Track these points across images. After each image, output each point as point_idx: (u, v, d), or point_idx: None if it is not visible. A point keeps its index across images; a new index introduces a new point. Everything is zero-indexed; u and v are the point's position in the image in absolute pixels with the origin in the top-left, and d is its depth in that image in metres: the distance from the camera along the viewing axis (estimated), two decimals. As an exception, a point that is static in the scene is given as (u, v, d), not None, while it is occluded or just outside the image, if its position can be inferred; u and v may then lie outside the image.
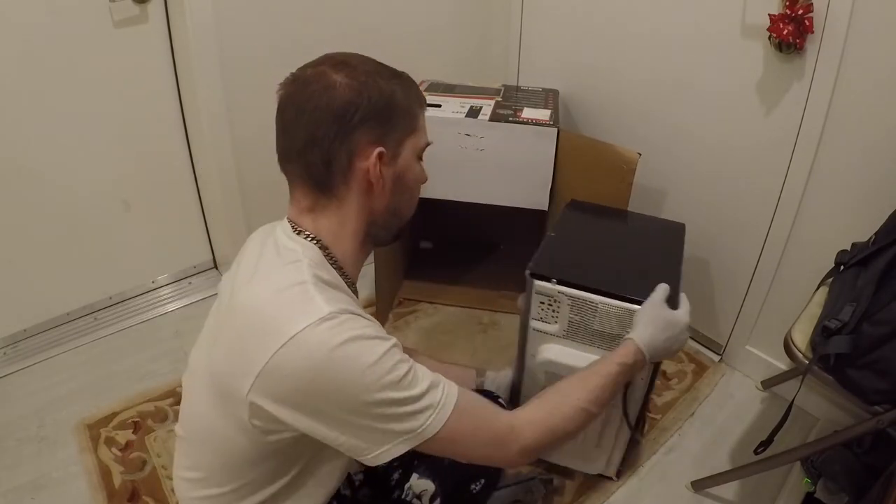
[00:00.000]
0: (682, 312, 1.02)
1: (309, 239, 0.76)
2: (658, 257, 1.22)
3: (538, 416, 0.81)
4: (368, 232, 0.80)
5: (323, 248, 0.77)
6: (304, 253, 0.74)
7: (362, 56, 0.77)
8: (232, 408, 0.70)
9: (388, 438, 0.69)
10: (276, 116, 0.75)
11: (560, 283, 1.07)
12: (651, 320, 0.98)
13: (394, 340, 0.71)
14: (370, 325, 0.70)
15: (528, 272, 1.09)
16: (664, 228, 1.34)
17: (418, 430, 0.70)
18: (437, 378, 0.73)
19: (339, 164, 0.74)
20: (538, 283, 1.08)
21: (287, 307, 0.68)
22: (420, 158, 0.82)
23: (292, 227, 0.78)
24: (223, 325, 0.76)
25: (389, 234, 0.85)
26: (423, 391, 0.70)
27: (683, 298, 1.05)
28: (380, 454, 0.70)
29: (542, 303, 1.10)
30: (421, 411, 0.70)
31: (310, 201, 0.77)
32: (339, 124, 0.72)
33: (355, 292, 0.83)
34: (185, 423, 0.82)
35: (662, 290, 1.02)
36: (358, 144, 0.73)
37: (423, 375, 0.72)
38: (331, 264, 0.77)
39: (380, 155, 0.74)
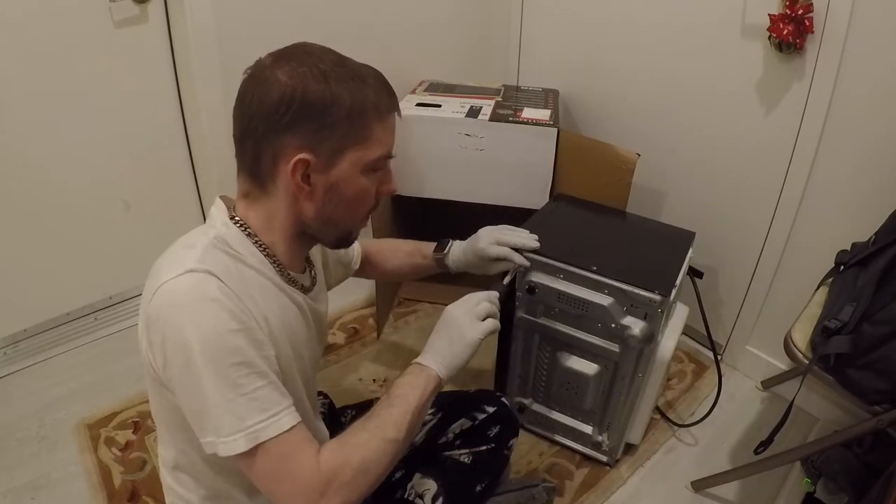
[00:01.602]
0: (461, 308, 0.88)
1: (236, 223, 0.76)
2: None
3: (350, 460, 0.71)
4: (302, 231, 0.79)
5: (250, 234, 0.76)
6: (218, 229, 0.75)
7: (325, 52, 0.73)
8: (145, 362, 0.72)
9: (205, 421, 0.66)
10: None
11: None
12: (433, 332, 0.89)
13: (245, 325, 0.67)
14: (232, 300, 0.67)
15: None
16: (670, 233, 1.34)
17: (225, 434, 0.65)
18: (278, 405, 0.68)
19: (265, 162, 0.72)
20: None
21: (169, 259, 0.71)
22: (375, 170, 0.77)
23: (229, 210, 0.78)
24: None
25: (328, 239, 0.83)
26: (246, 394, 0.65)
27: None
28: (205, 442, 0.67)
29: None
30: (237, 415, 0.65)
31: (245, 188, 0.77)
32: (267, 123, 0.70)
33: (294, 282, 0.81)
34: None
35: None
36: (284, 147, 0.71)
37: (264, 391, 0.67)
38: (258, 248, 0.76)
39: (302, 162, 0.71)
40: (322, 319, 0.92)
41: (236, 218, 0.77)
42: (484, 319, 0.88)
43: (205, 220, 0.81)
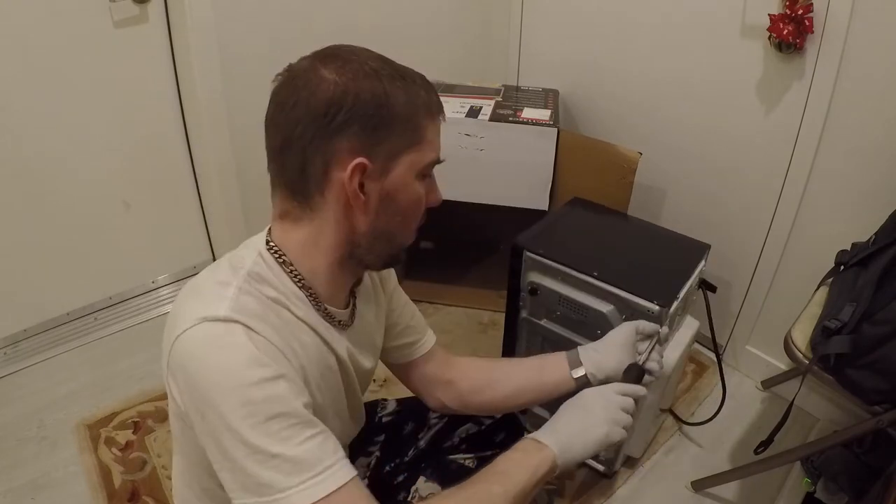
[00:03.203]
0: (598, 392, 0.82)
1: (272, 251, 0.68)
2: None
3: None
4: (350, 253, 0.70)
5: (286, 263, 0.68)
6: (253, 261, 0.67)
7: (368, 52, 0.67)
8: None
9: (244, 481, 0.59)
10: (266, 110, 0.67)
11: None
12: (559, 411, 0.80)
13: (282, 371, 0.61)
14: (263, 347, 0.61)
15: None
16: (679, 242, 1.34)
17: (272, 493, 0.57)
18: (333, 455, 0.61)
19: (314, 171, 0.64)
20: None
21: (195, 300, 0.64)
22: (426, 176, 0.71)
23: (267, 235, 0.70)
24: None
25: (378, 260, 0.73)
26: (290, 454, 0.58)
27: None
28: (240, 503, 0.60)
29: None
30: (285, 471, 0.58)
31: (284, 207, 0.69)
32: (317, 126, 0.62)
33: (331, 317, 0.73)
34: None
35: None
36: (336, 151, 0.63)
37: (314, 441, 0.60)
38: (294, 280, 0.69)
39: (360, 167, 0.63)
40: (355, 370, 0.81)
41: (272, 244, 0.69)
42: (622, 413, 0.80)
43: (205, 218, 0.79)
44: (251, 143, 1.64)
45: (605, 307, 1.12)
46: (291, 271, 0.69)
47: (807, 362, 1.05)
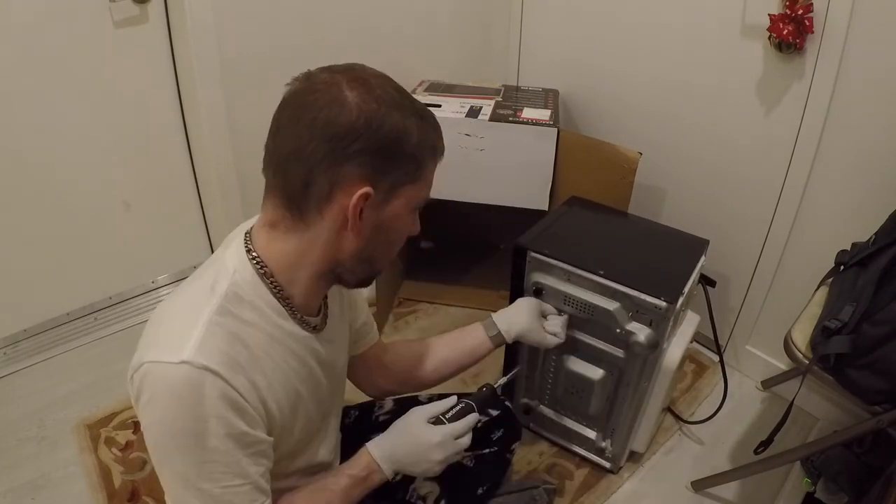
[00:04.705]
0: (437, 431, 0.85)
1: (253, 262, 0.70)
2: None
3: None
4: (332, 270, 0.73)
5: (266, 275, 0.70)
6: (231, 277, 0.69)
7: (390, 81, 0.69)
8: None
9: (169, 495, 0.68)
10: (275, 112, 0.67)
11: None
12: (397, 431, 0.87)
13: (234, 426, 0.65)
14: (225, 401, 0.65)
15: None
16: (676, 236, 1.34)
17: None
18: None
19: (318, 190, 0.65)
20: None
21: (168, 327, 0.68)
22: (415, 210, 0.74)
23: (246, 241, 0.72)
24: None
25: (355, 279, 0.76)
26: (213, 492, 0.66)
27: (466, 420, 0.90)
28: None
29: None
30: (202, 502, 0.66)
31: (276, 216, 0.69)
32: (331, 147, 0.63)
33: (310, 325, 0.77)
34: None
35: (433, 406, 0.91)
36: (346, 176, 0.65)
37: (233, 490, 0.67)
38: (272, 291, 0.71)
39: (365, 195, 0.66)
40: (334, 368, 0.87)
41: (254, 254, 0.70)
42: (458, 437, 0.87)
43: (205, 219, 0.80)
44: (251, 142, 1.63)
45: (611, 305, 1.12)
46: (271, 282, 0.71)
47: (807, 362, 1.05)
